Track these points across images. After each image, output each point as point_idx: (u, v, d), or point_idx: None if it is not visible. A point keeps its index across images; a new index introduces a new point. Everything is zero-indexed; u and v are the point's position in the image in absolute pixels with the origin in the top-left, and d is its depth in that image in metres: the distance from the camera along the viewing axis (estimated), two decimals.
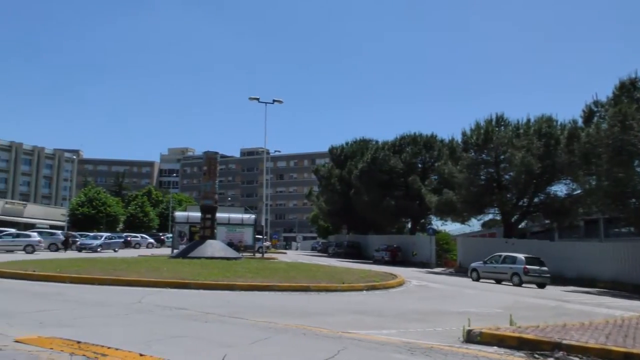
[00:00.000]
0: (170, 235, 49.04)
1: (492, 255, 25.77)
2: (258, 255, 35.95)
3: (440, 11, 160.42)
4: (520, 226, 37.16)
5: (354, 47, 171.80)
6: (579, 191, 30.22)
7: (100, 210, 60.52)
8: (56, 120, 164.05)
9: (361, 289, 15.12)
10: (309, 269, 20.22)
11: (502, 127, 33.24)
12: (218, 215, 29.65)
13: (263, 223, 43.46)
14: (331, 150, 60.66)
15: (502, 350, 6.91)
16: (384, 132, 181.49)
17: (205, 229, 27.43)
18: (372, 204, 45.86)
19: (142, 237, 52.54)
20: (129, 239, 47.76)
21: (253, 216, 40.49)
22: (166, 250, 38.53)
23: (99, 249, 37.24)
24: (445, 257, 41.14)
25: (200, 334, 7.02)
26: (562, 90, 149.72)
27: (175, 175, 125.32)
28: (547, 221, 35.64)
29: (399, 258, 41.17)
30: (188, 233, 36.15)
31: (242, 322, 8.20)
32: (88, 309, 9.20)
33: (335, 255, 50.49)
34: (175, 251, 30.47)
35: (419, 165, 46.59)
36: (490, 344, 7.18)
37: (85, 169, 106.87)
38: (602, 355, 6.45)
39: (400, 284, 17.78)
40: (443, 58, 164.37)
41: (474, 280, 25.37)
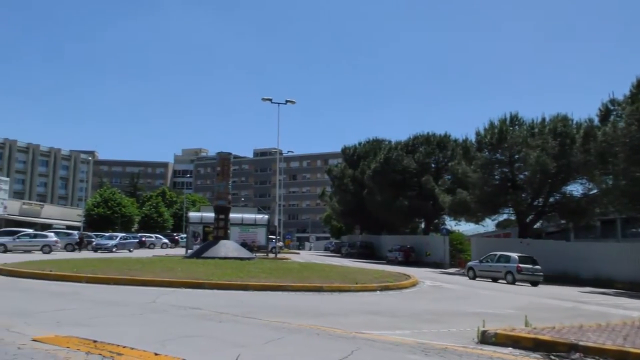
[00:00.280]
0: (184, 235, 49.37)
1: (488, 254, 26.29)
2: (271, 255, 36.05)
3: (455, 11, 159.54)
4: (535, 226, 36.78)
5: (368, 47, 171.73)
6: (595, 191, 29.85)
7: (116, 211, 61.19)
8: (71, 122, 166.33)
9: (374, 290, 15.08)
10: (322, 269, 20.21)
11: (517, 127, 32.92)
12: (231, 215, 29.76)
13: (276, 223, 43.62)
14: (344, 150, 60.62)
15: (517, 351, 6.84)
16: (397, 132, 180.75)
17: (219, 230, 27.55)
18: (385, 204, 45.74)
19: (156, 237, 52.98)
20: (143, 239, 48.19)
21: (266, 216, 40.58)
22: (180, 251, 38.82)
23: (114, 249, 37.66)
24: (459, 258, 40.86)
25: (214, 334, 7.05)
26: (577, 91, 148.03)
27: (189, 175, 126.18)
28: (562, 221, 35.23)
29: (413, 258, 41.03)
30: (202, 233, 36.37)
31: (256, 322, 8.22)
32: (103, 308, 9.31)
33: (349, 255, 50.46)
34: (189, 251, 30.66)
35: (433, 165, 46.38)
36: (505, 345, 7.11)
37: (101, 170, 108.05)
38: (619, 357, 6.35)
39: (413, 285, 17.72)
40: (457, 58, 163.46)
41: (470, 278, 26.12)
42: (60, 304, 9.56)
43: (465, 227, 50.68)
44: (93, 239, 41.01)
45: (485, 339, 7.39)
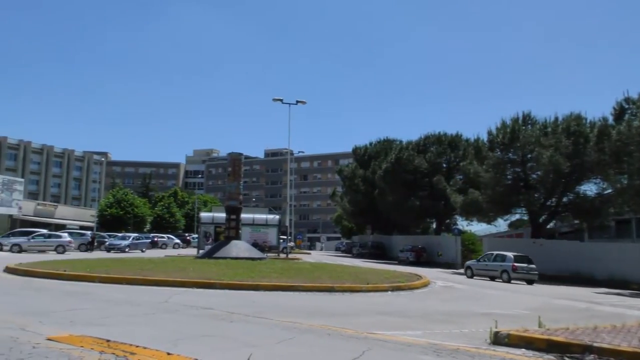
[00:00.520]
0: (196, 235, 49.68)
1: (485, 253, 26.42)
2: (282, 255, 36.09)
3: (466, 10, 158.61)
4: (548, 226, 36.37)
5: (379, 47, 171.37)
6: (609, 190, 29.46)
7: (128, 211, 61.71)
8: (85, 123, 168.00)
9: (386, 290, 15.04)
10: (333, 270, 20.21)
11: (529, 126, 32.61)
12: (243, 215, 29.88)
13: (287, 223, 43.55)
14: (355, 150, 60.50)
15: (530, 352, 6.78)
16: (408, 132, 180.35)
17: (230, 230, 27.67)
18: (396, 204, 45.59)
19: (168, 237, 53.27)
20: (155, 239, 48.49)
21: (277, 217, 40.66)
22: (192, 251, 39.05)
23: (127, 249, 37.97)
24: (471, 258, 40.55)
25: (226, 334, 7.08)
26: (591, 91, 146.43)
27: (200, 176, 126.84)
28: (576, 221, 34.80)
29: (424, 259, 40.86)
30: (213, 233, 36.56)
31: (267, 322, 8.24)
32: (116, 308, 9.39)
33: (360, 255, 50.36)
34: (201, 251, 30.81)
35: (444, 165, 46.12)
36: (518, 346, 7.05)
37: (113, 170, 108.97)
38: (635, 358, 6.27)
39: (425, 285, 17.64)
40: (468, 57, 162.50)
41: (468, 277, 26.48)
42: (74, 304, 9.67)
43: (477, 228, 50.28)
44: (106, 239, 41.44)
45: (498, 339, 7.33)
